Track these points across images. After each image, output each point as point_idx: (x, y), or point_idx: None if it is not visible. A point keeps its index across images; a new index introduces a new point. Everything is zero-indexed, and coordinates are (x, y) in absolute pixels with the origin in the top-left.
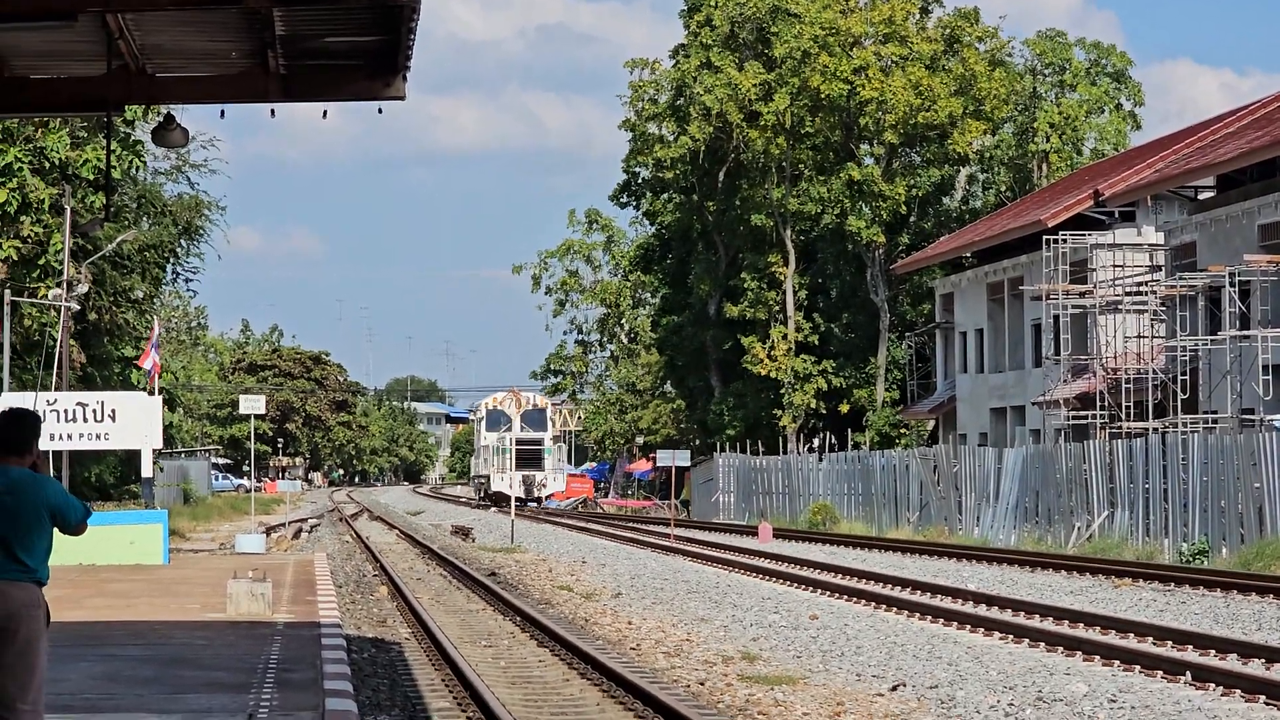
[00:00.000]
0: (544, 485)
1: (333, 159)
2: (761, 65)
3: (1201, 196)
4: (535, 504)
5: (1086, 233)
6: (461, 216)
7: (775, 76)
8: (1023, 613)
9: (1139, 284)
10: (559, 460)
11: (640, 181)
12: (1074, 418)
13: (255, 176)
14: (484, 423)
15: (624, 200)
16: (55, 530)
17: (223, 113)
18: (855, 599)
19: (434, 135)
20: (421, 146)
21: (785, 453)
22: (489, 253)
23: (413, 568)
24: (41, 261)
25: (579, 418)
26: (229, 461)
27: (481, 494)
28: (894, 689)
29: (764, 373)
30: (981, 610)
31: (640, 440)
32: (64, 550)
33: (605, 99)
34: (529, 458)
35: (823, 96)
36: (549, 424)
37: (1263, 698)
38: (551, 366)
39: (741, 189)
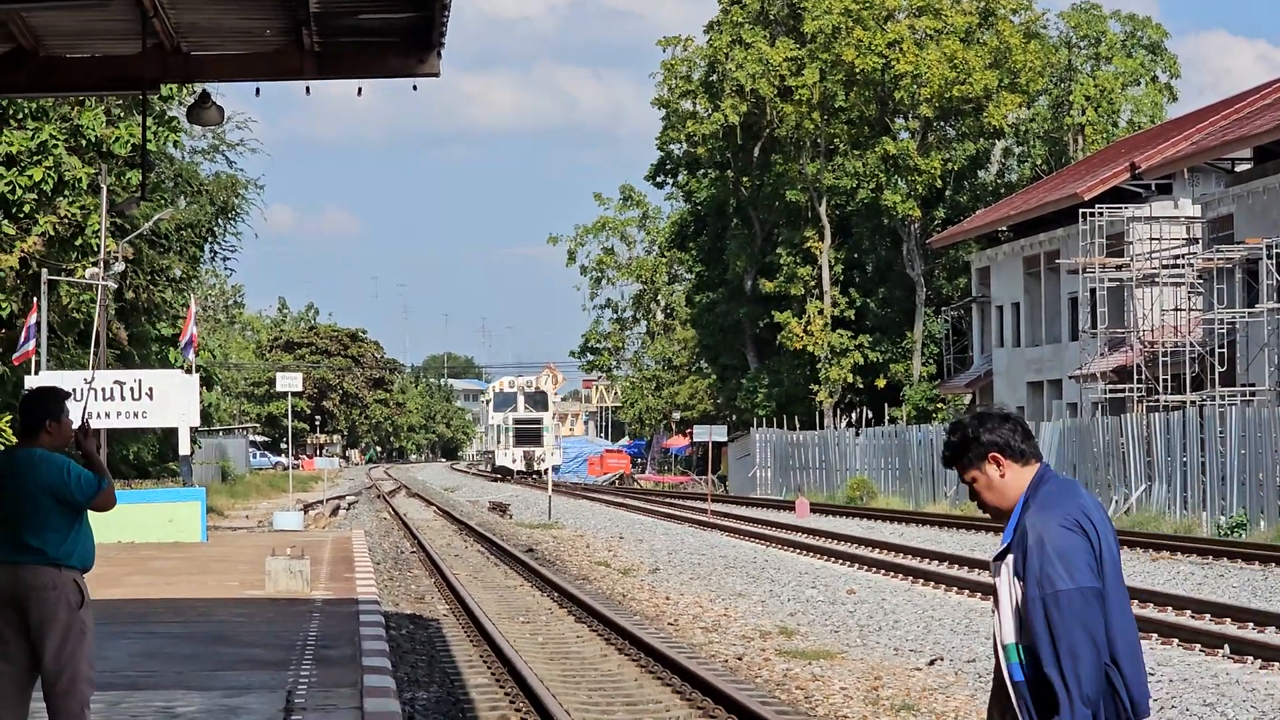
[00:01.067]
0: (542, 460)
1: (366, 137)
2: (793, 41)
3: (1238, 169)
4: (535, 476)
5: (1123, 206)
6: (496, 193)
7: (806, 52)
8: None
9: (1176, 257)
10: (558, 437)
11: (674, 159)
12: (1111, 391)
13: (288, 155)
14: (492, 404)
15: (659, 180)
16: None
17: (258, 90)
18: (893, 573)
19: (467, 112)
20: (455, 124)
21: (822, 428)
22: (524, 230)
23: (450, 544)
24: (79, 241)
25: (615, 394)
26: (266, 439)
27: (490, 468)
28: (931, 663)
29: (800, 348)
30: None
31: (677, 416)
32: (104, 528)
33: (637, 75)
34: (530, 435)
35: (857, 71)
36: (549, 405)
37: None
38: (589, 344)
39: (776, 164)
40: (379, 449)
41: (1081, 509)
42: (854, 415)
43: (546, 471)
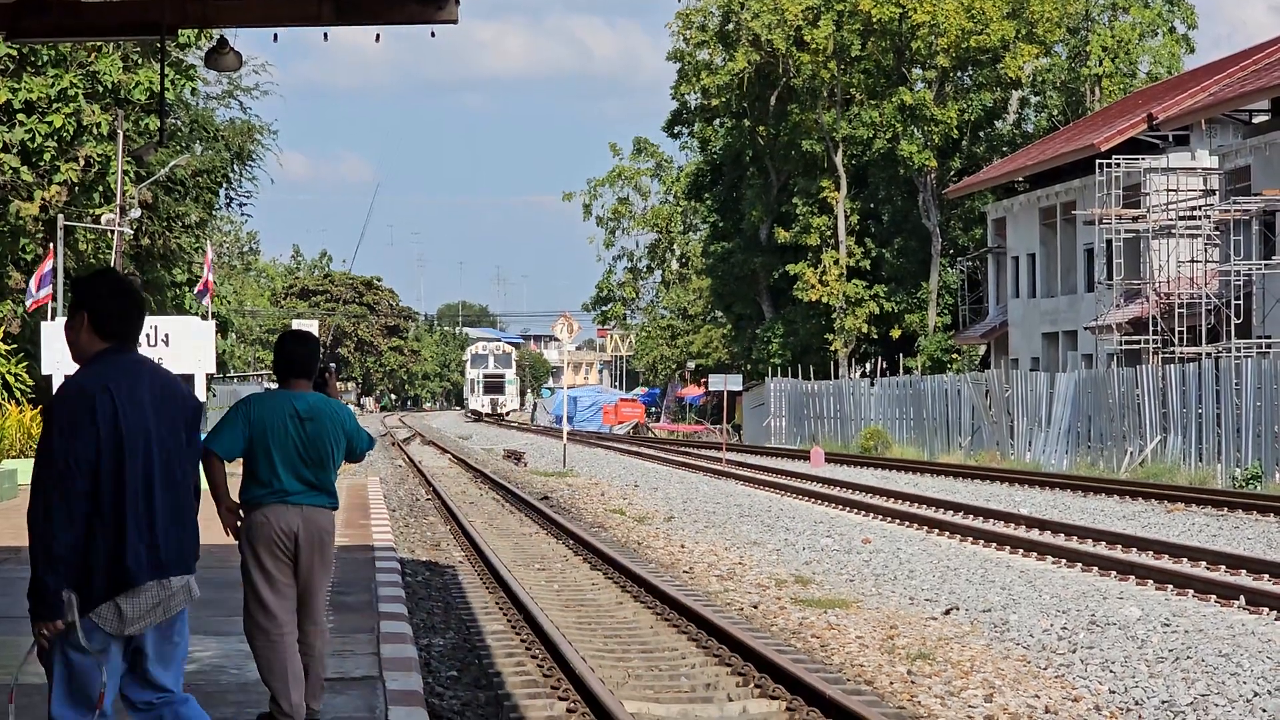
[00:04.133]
0: (504, 405)
1: (380, 84)
2: None
3: (1256, 120)
4: (498, 418)
5: (1140, 157)
6: (511, 142)
7: (822, 2)
8: (1075, 537)
9: (1192, 208)
10: (519, 389)
11: (690, 110)
12: (1126, 342)
13: (302, 102)
14: (469, 363)
15: (676, 130)
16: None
17: (275, 36)
18: (908, 523)
19: (481, 60)
20: (470, 71)
21: (836, 378)
22: (539, 178)
23: (465, 492)
24: (100, 188)
25: (630, 343)
26: None
27: (467, 410)
28: (947, 613)
29: (815, 298)
30: (1034, 535)
31: (691, 365)
32: None
33: (650, 23)
34: (495, 387)
35: (874, 21)
36: (513, 364)
37: None
38: (602, 294)
39: (793, 114)
40: (393, 396)
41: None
42: (869, 365)
43: (508, 414)
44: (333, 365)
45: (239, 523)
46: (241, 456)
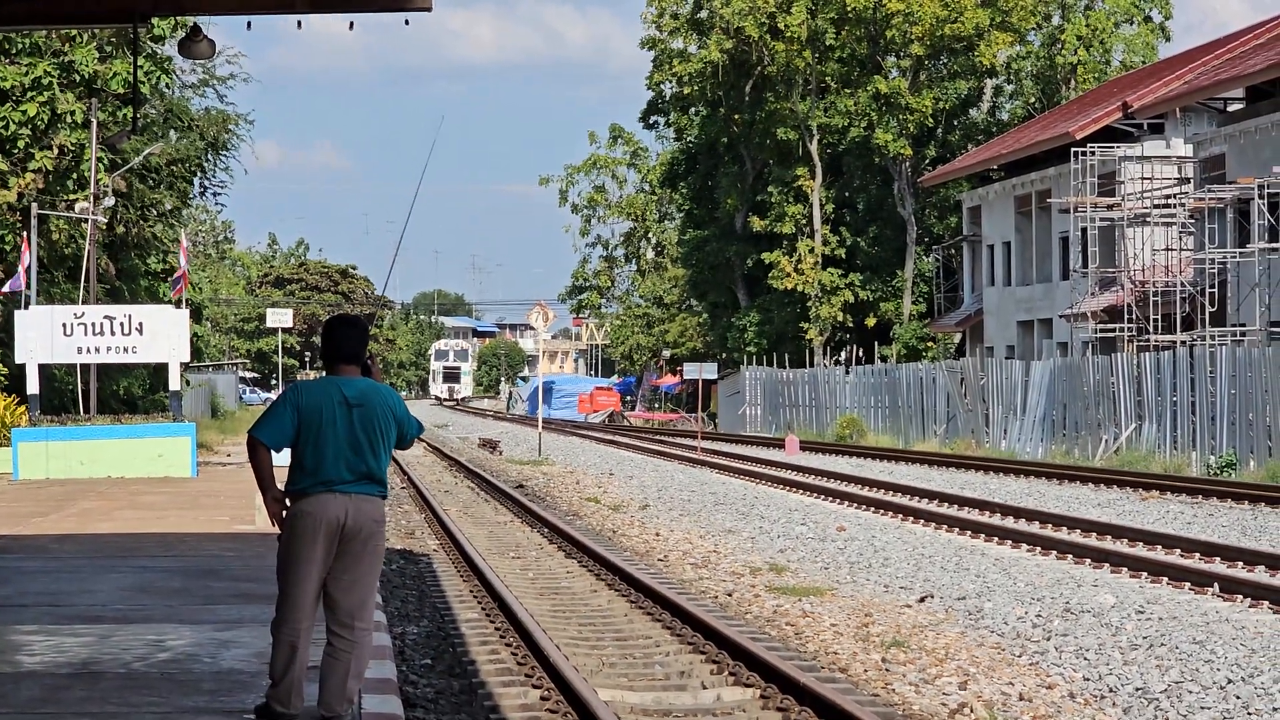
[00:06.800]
0: (459, 392)
1: (352, 72)
2: None
3: (1231, 108)
4: (456, 402)
5: (1115, 145)
6: (484, 130)
7: None
8: (1050, 525)
9: (1167, 196)
10: (473, 380)
11: (666, 99)
12: (1101, 330)
13: (274, 90)
14: (433, 356)
15: (653, 121)
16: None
17: (249, 24)
18: (883, 511)
19: (453, 48)
20: (442, 59)
21: (812, 366)
22: (513, 167)
23: (440, 480)
24: (74, 176)
25: (605, 332)
26: (256, 375)
27: (433, 397)
28: (922, 600)
29: (790, 286)
30: (1009, 522)
31: (667, 354)
32: (93, 463)
33: (622, 10)
34: (452, 377)
35: (849, 9)
36: (469, 359)
37: None
38: (577, 283)
39: (768, 102)
40: None
41: None
42: (844, 354)
43: (462, 399)
44: (373, 354)
45: (284, 513)
46: (290, 446)
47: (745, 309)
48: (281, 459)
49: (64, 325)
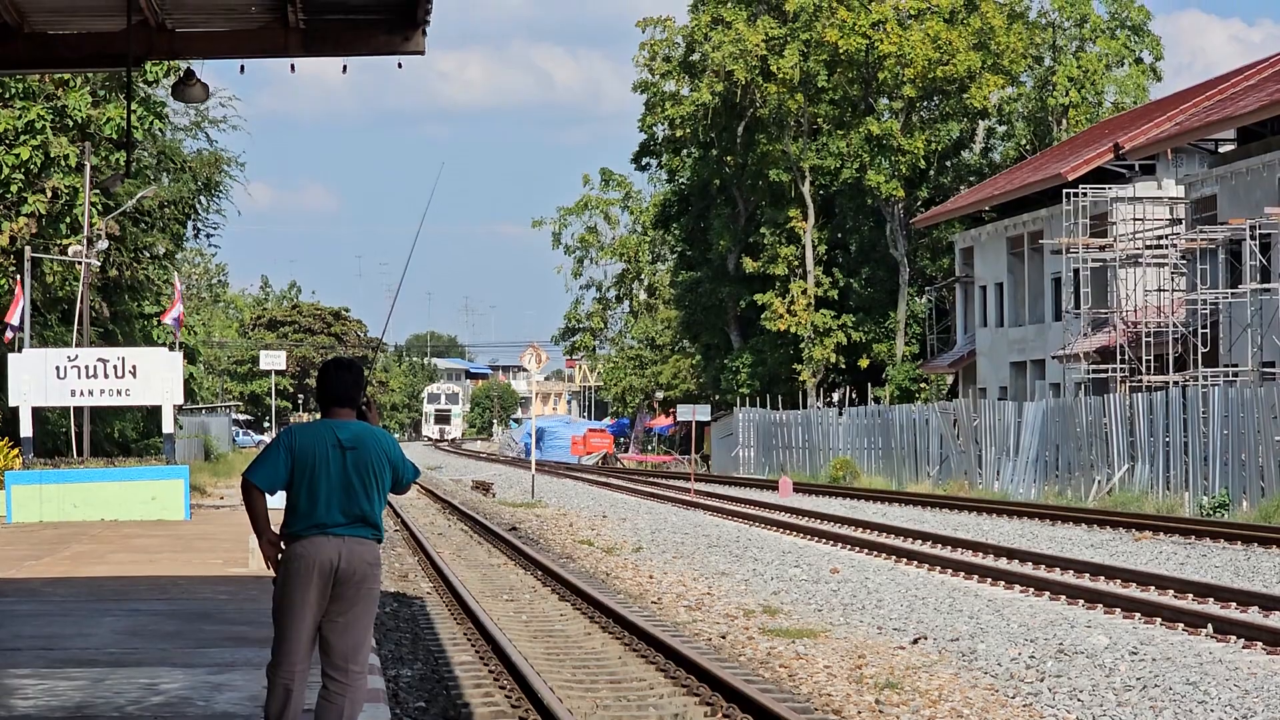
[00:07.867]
0: (449, 433)
1: (342, 115)
2: (775, 20)
3: (1222, 149)
4: (448, 443)
5: (1106, 186)
6: (476, 172)
7: (787, 31)
8: (1043, 566)
9: (1159, 237)
10: (465, 420)
11: (658, 141)
12: (1094, 371)
13: (266, 132)
14: (425, 399)
15: (644, 163)
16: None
17: (242, 68)
18: (876, 553)
19: (443, 91)
20: (432, 102)
21: (805, 407)
22: (505, 209)
23: (434, 522)
24: (68, 219)
25: (598, 373)
26: (250, 417)
27: (425, 438)
28: (915, 642)
29: (783, 328)
30: (1002, 564)
31: (660, 395)
32: (86, 506)
33: (613, 53)
34: (443, 419)
35: (840, 52)
36: (459, 402)
37: None
38: (570, 324)
39: (760, 144)
40: None
41: None
42: (837, 395)
43: (453, 440)
44: (369, 398)
45: (279, 555)
46: (284, 489)
47: (738, 350)
48: (276, 501)
49: (58, 368)
